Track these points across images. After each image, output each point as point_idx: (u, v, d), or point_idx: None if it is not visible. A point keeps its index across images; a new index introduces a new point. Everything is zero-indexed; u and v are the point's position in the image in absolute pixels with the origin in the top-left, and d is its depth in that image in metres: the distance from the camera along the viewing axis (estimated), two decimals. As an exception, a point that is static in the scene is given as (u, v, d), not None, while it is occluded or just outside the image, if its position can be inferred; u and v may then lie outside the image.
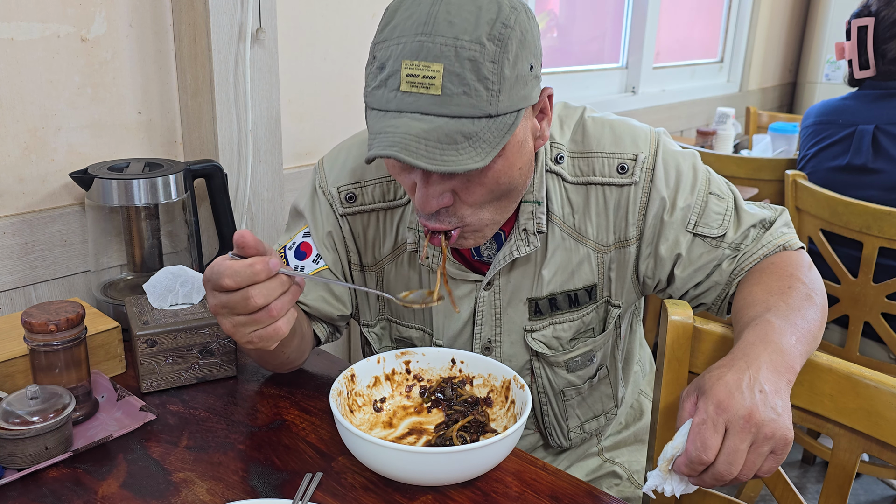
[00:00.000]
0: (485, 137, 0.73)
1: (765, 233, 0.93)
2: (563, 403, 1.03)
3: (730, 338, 0.87)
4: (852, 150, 1.75)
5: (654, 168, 0.91)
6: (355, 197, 0.97)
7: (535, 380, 1.00)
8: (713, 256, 0.92)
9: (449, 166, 0.71)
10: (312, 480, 0.78)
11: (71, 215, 1.16)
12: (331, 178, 0.98)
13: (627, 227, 0.93)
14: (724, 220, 0.92)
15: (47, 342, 0.85)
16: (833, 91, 3.52)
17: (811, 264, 0.90)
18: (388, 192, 0.96)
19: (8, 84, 1.07)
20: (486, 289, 0.95)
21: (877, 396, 0.77)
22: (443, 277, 0.87)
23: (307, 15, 1.42)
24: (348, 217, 0.98)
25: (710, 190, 0.93)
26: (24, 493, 0.77)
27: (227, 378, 1.02)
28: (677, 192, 0.91)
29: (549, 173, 0.92)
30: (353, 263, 1.00)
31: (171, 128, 1.29)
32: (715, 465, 0.66)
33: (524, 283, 0.95)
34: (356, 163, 0.98)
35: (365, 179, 0.97)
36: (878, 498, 2.04)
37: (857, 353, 1.73)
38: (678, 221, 0.91)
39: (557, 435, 1.05)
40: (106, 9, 1.15)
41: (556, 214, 0.92)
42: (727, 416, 0.65)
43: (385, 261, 0.98)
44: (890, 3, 1.71)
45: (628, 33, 2.71)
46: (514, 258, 0.92)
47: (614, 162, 0.91)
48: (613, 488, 1.10)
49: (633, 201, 0.91)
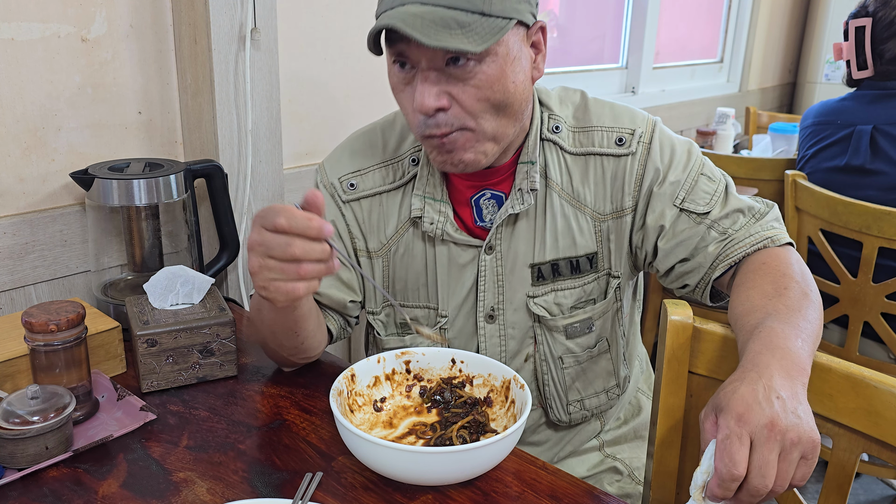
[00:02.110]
0: (477, 30, 0.80)
1: (755, 223, 0.94)
2: (563, 372, 1.03)
3: (730, 338, 0.87)
4: (851, 151, 1.75)
5: (651, 143, 0.96)
6: (356, 185, 1.01)
7: (538, 347, 1.02)
8: (696, 232, 0.94)
9: (441, 42, 0.78)
10: (313, 480, 0.79)
11: (71, 215, 1.17)
12: (331, 173, 1.03)
13: (623, 197, 0.96)
14: (712, 199, 0.95)
15: (48, 342, 0.85)
16: (833, 91, 3.52)
17: (800, 259, 0.91)
18: (387, 177, 1.01)
19: (8, 84, 1.07)
20: (487, 253, 0.98)
21: (876, 396, 0.77)
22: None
23: (307, 15, 1.43)
24: (351, 204, 1.01)
25: (703, 171, 0.96)
26: (25, 493, 0.77)
27: (228, 378, 1.02)
28: (669, 168, 0.96)
29: (547, 142, 0.97)
30: (360, 250, 1.03)
31: (172, 128, 1.29)
32: (748, 480, 0.64)
33: (526, 249, 0.98)
34: (354, 153, 1.03)
35: (364, 167, 1.01)
36: (877, 498, 2.04)
37: (856, 352, 1.74)
38: (666, 195, 0.95)
39: (557, 408, 1.05)
40: (106, 9, 1.15)
41: (555, 181, 0.96)
42: (750, 427, 0.64)
43: (391, 242, 1.01)
44: (887, 3, 1.71)
45: (628, 33, 2.71)
46: (515, 215, 0.96)
47: (613, 135, 0.96)
48: (615, 484, 1.11)
49: (630, 172, 0.96)
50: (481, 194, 0.97)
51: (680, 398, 0.91)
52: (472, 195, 0.98)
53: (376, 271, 1.03)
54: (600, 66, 2.66)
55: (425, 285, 1.02)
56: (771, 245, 0.92)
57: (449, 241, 0.98)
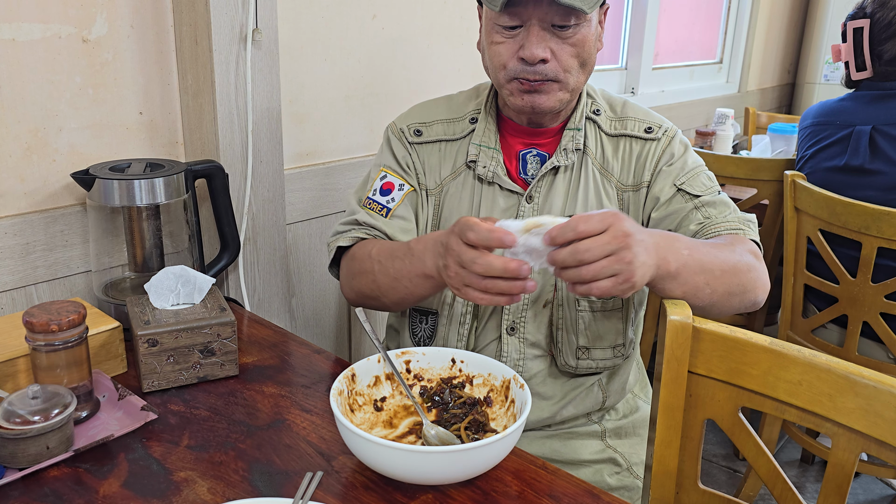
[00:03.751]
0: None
1: (736, 218, 1.07)
2: (577, 315, 1.10)
3: (730, 338, 0.87)
4: (850, 151, 1.75)
5: (673, 138, 1.13)
6: (421, 132, 1.17)
7: (556, 294, 1.10)
8: (684, 209, 1.08)
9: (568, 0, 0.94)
10: (313, 480, 0.79)
11: (72, 215, 1.17)
12: (400, 122, 1.19)
13: (644, 173, 1.11)
14: (707, 189, 1.09)
15: (49, 342, 0.85)
16: (832, 92, 3.53)
17: (758, 254, 1.04)
18: (448, 130, 1.17)
19: (9, 85, 1.08)
20: (528, 201, 1.10)
21: (875, 396, 0.77)
22: None
23: (307, 15, 1.43)
24: (416, 146, 1.17)
25: (706, 172, 1.12)
26: (26, 493, 0.77)
27: (229, 378, 1.02)
28: (680, 159, 1.11)
29: (588, 120, 1.14)
30: (421, 184, 1.17)
31: (173, 128, 1.29)
32: (574, 245, 0.79)
33: (560, 203, 1.11)
34: (421, 110, 1.21)
35: (428, 120, 1.18)
36: (877, 497, 2.04)
37: (855, 352, 1.74)
38: (671, 174, 1.10)
39: (566, 353, 1.11)
40: (107, 10, 1.16)
41: (592, 151, 1.12)
42: (615, 224, 0.80)
43: (446, 181, 1.15)
44: (885, 4, 1.71)
45: (628, 34, 2.72)
46: (555, 171, 1.10)
47: (643, 124, 1.13)
48: (614, 476, 1.14)
49: (652, 154, 1.12)
50: (528, 150, 1.13)
51: (680, 398, 0.91)
52: (521, 150, 1.13)
53: (429, 209, 1.16)
54: (600, 66, 2.66)
55: None
56: (741, 234, 1.05)
57: (497, 183, 1.11)
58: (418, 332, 1.17)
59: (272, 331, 1.18)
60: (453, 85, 1.75)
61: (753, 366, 0.86)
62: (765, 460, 0.88)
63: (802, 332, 1.89)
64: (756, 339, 0.86)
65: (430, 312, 1.15)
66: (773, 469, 0.88)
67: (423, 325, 1.16)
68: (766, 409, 0.86)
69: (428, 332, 1.16)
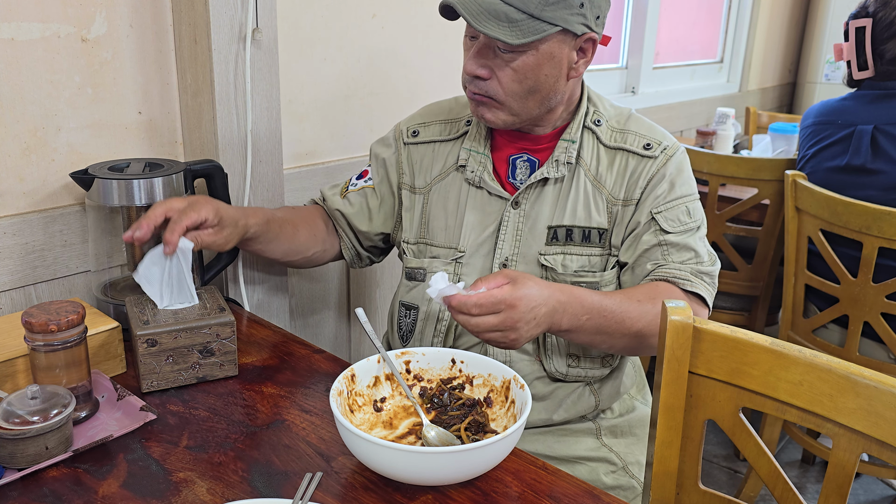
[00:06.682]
0: (521, 27, 0.95)
1: (692, 267, 1.07)
2: None
3: (730, 338, 0.87)
4: (851, 151, 1.75)
5: (671, 158, 1.10)
6: (418, 132, 1.22)
7: None
8: (649, 240, 1.07)
9: (484, 28, 0.95)
10: (312, 480, 0.79)
11: (71, 215, 1.17)
12: (404, 123, 1.25)
13: (635, 189, 1.09)
14: (678, 227, 1.08)
15: (48, 342, 0.85)
16: (833, 91, 3.52)
17: (689, 313, 1.02)
18: (444, 130, 1.20)
19: (8, 84, 1.07)
20: (514, 207, 1.11)
21: (876, 396, 0.77)
22: None
23: (307, 15, 1.43)
24: (410, 146, 1.22)
25: (688, 205, 1.09)
26: (25, 493, 0.77)
27: (228, 378, 1.02)
28: (671, 183, 1.09)
29: (587, 130, 1.12)
30: (405, 184, 1.21)
31: (172, 128, 1.29)
32: (467, 318, 0.88)
33: (547, 212, 1.10)
34: (426, 111, 1.25)
35: (429, 120, 1.22)
36: (877, 498, 2.04)
37: (856, 352, 1.74)
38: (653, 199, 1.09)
39: (555, 361, 1.11)
40: (106, 9, 1.15)
41: (586, 162, 1.11)
42: (507, 312, 0.87)
43: (433, 182, 1.19)
44: (887, 3, 1.70)
45: (628, 34, 2.71)
46: (544, 181, 1.10)
47: (643, 140, 1.11)
48: (610, 475, 1.15)
49: (646, 171, 1.09)
50: (519, 156, 1.13)
51: (680, 398, 0.91)
52: (511, 154, 1.14)
53: (416, 208, 1.20)
54: (600, 66, 2.66)
55: (452, 227, 1.16)
56: (677, 283, 1.05)
57: (484, 188, 1.13)
58: (403, 326, 1.20)
59: (272, 331, 1.18)
60: (453, 85, 1.74)
61: (754, 366, 0.85)
62: (765, 461, 0.88)
63: (803, 333, 1.88)
64: (757, 339, 0.85)
65: (412, 307, 1.18)
66: (774, 469, 0.87)
67: (407, 320, 1.19)
68: (767, 410, 0.86)
69: (409, 326, 1.18)
